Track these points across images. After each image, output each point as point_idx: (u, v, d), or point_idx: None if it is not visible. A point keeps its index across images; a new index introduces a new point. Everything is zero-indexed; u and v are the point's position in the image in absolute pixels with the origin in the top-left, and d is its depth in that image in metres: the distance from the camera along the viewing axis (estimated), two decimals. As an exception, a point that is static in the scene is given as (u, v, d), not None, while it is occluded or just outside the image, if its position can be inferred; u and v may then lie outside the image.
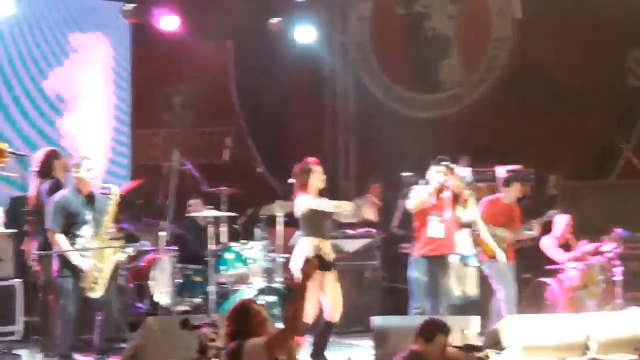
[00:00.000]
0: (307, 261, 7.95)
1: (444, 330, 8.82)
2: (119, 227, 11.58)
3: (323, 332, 11.65)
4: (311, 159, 11.69)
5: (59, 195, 10.92)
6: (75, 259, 10.71)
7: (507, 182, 13.28)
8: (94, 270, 10.75)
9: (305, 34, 15.21)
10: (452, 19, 17.63)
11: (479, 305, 12.94)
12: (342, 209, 11.50)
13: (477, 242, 13.06)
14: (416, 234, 12.22)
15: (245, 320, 7.85)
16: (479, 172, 13.98)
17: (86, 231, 10.83)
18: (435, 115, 17.44)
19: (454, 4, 17.57)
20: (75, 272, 10.74)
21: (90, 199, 10.95)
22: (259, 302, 8.62)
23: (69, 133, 14.23)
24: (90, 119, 15.13)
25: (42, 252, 10.90)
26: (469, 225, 12.88)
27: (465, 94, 17.58)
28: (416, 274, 12.13)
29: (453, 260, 12.62)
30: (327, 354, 11.87)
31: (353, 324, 13.30)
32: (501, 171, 13.76)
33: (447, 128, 16.95)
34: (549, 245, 14.00)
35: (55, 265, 10.89)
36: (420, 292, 12.11)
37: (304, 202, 11.43)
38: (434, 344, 8.68)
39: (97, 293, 10.80)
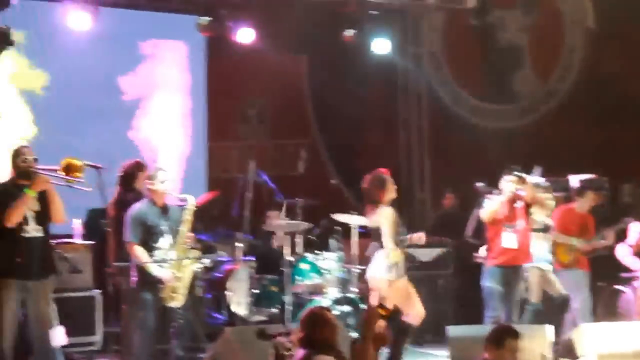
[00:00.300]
0: (370, 311, 8.03)
1: (513, 334, 8.82)
2: (196, 238, 11.70)
3: (400, 337, 11.78)
4: (382, 169, 11.80)
5: (135, 208, 11.01)
6: (155, 269, 10.84)
7: (581, 191, 13.26)
8: (173, 280, 10.88)
9: (379, 45, 15.27)
10: (525, 29, 17.64)
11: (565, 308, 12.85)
12: (392, 259, 11.59)
13: (552, 251, 13.05)
14: (490, 243, 12.25)
15: (317, 327, 7.94)
16: (553, 181, 13.96)
17: (163, 242, 10.93)
18: (508, 125, 17.43)
19: (527, 14, 17.58)
20: (154, 283, 10.88)
21: (164, 210, 11.04)
22: (333, 312, 8.73)
23: (144, 142, 14.41)
24: (166, 127, 15.34)
25: (122, 263, 11.01)
26: (543, 230, 12.85)
27: (538, 103, 17.56)
28: (490, 283, 12.16)
29: (539, 266, 12.66)
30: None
31: (427, 332, 13.35)
32: (574, 180, 13.73)
33: (520, 137, 16.96)
34: (623, 253, 13.94)
35: (134, 276, 11.03)
36: (494, 302, 12.14)
37: (385, 216, 11.58)
38: (505, 349, 8.68)
39: (176, 302, 10.92)
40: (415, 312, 11.75)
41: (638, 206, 15.13)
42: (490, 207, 12.18)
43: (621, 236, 13.86)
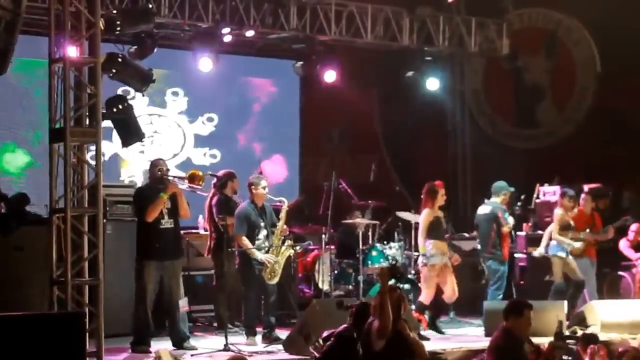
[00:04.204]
0: (380, 271, 8.00)
1: (530, 306, 8.69)
2: (290, 230, 11.72)
3: (438, 307, 11.78)
4: (438, 182, 11.80)
5: (242, 209, 11.09)
6: (259, 254, 10.88)
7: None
8: (273, 262, 10.90)
9: (432, 83, 15.20)
10: (546, 71, 17.51)
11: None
12: (420, 250, 11.79)
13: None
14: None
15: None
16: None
17: (261, 235, 10.99)
18: (532, 146, 17.31)
19: (548, 60, 17.45)
20: (257, 265, 10.90)
21: (262, 210, 11.10)
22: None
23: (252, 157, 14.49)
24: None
25: (238, 249, 11.04)
26: (565, 228, 12.71)
27: (556, 130, 17.42)
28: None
29: (560, 254, 12.60)
30: (447, 328, 11.93)
31: (467, 305, 13.23)
32: (585, 188, 13.61)
33: (542, 156, 16.85)
34: (623, 246, 13.78)
35: (240, 261, 11.04)
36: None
37: (422, 218, 11.72)
38: (524, 317, 8.55)
39: (274, 280, 10.96)
40: (447, 292, 11.69)
41: (635, 209, 14.90)
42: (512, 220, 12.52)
43: (622, 232, 13.71)
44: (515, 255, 13.99)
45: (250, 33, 13.44)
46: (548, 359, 8.37)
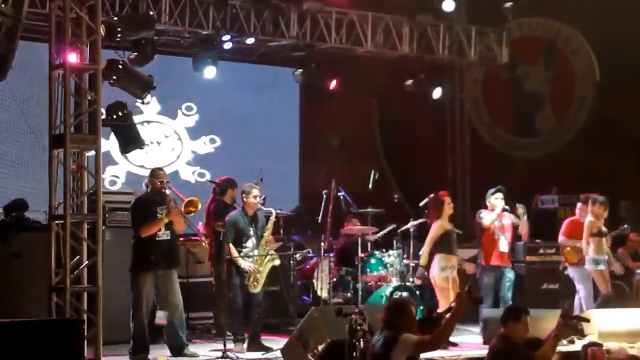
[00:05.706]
0: (459, 296, 7.92)
1: (527, 311, 8.70)
2: (277, 240, 11.68)
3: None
4: (442, 192, 11.77)
5: (231, 216, 11.06)
6: (242, 263, 10.83)
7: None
8: (255, 271, 10.85)
9: (432, 91, 15.22)
10: (545, 81, 17.53)
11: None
12: (421, 261, 11.64)
13: (561, 251, 12.85)
14: (485, 247, 12.14)
15: (399, 314, 7.85)
16: (565, 198, 13.77)
17: (249, 243, 10.94)
18: (531, 155, 17.32)
19: (547, 69, 17.47)
20: (242, 273, 10.86)
21: (253, 219, 11.06)
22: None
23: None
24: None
25: (228, 257, 11.01)
26: (600, 235, 12.59)
27: (555, 139, 17.43)
28: (488, 279, 12.06)
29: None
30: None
31: (466, 313, 13.12)
32: (582, 197, 13.59)
33: (540, 164, 16.88)
34: (621, 255, 13.74)
35: (227, 267, 10.99)
36: (490, 293, 12.02)
37: (433, 229, 11.58)
38: (522, 322, 8.55)
39: (256, 289, 10.91)
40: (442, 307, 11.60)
41: (632, 218, 14.88)
42: (491, 217, 12.00)
43: (620, 241, 13.68)
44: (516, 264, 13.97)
45: (250, 40, 13.47)
46: (557, 335, 8.39)
